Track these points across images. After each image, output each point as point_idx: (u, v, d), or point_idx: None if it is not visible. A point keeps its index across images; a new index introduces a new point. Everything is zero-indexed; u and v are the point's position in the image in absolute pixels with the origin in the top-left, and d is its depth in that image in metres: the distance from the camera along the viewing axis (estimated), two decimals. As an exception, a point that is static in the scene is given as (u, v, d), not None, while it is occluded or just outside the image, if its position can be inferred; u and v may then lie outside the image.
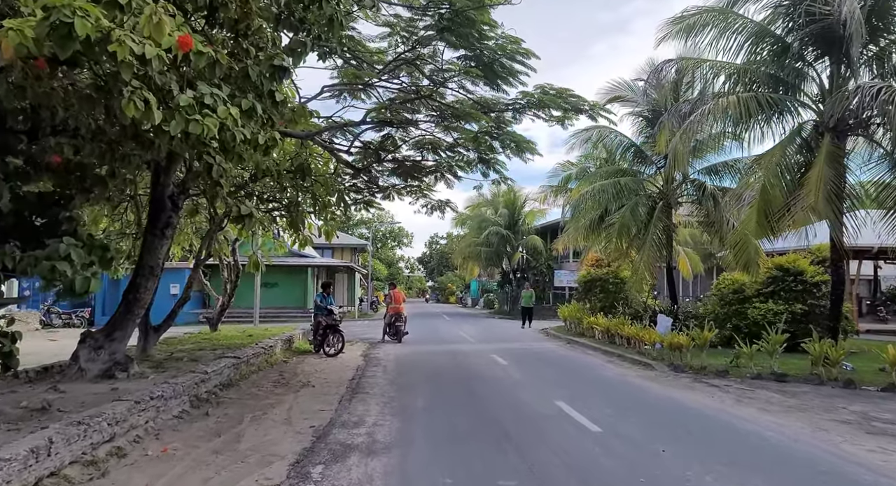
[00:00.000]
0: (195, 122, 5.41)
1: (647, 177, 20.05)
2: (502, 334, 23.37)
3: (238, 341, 14.41)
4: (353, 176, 13.90)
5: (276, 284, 36.77)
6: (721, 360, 13.14)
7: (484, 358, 14.98)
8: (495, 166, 13.33)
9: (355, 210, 15.04)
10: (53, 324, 27.09)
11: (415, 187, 14.63)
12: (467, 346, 18.38)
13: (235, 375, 10.92)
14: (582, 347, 18.01)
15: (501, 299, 48.82)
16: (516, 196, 42.19)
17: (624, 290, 21.11)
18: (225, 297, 16.76)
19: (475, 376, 11.98)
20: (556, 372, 12.68)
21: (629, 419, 7.89)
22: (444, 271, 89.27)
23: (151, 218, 9.89)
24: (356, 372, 12.53)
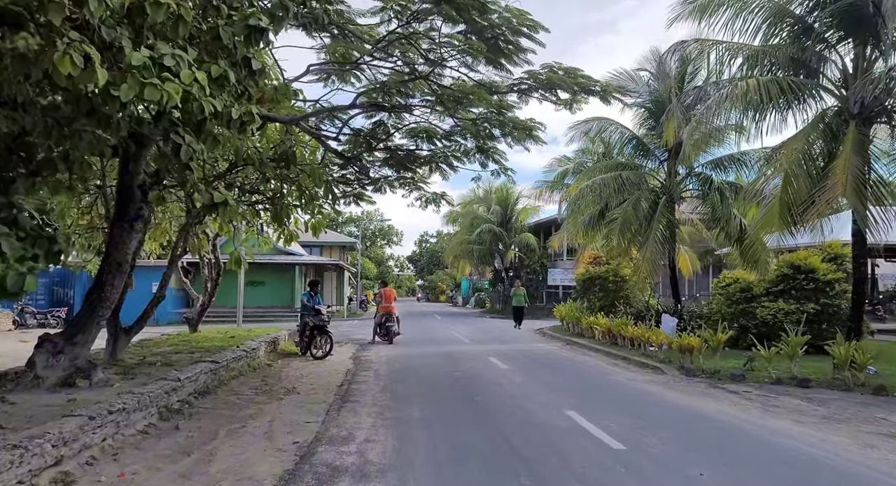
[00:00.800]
0: (152, 87, 4.50)
1: (649, 171, 19.27)
2: (497, 335, 22.51)
3: (218, 344, 13.46)
4: (343, 166, 12.97)
5: (262, 282, 35.76)
6: (733, 363, 12.37)
7: (481, 361, 14.12)
8: (494, 156, 12.44)
9: (344, 204, 14.13)
10: (27, 324, 25.95)
11: (408, 179, 13.72)
12: (462, 347, 17.52)
13: (213, 381, 9.99)
14: (582, 348, 17.19)
15: (493, 298, 48.02)
16: (509, 193, 41.39)
17: (624, 289, 20.34)
18: (206, 296, 15.78)
19: (474, 381, 11.11)
20: (560, 377, 11.84)
21: (651, 432, 7.05)
22: (433, 270, 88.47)
23: (119, 209, 8.94)
24: (345, 377, 11.63)
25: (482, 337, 21.20)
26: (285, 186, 11.85)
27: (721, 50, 11.35)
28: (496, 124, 11.13)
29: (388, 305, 18.84)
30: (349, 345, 18.09)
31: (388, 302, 18.88)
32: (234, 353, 11.70)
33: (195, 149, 6.27)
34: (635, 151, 19.10)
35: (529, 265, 38.87)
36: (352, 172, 13.09)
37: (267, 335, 15.71)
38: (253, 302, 34.93)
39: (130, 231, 9.01)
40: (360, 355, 15.27)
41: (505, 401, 9.03)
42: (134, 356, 11.17)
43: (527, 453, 6.16)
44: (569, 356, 15.50)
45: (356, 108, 10.41)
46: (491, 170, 12.71)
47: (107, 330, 10.70)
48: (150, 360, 10.74)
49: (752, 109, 10.72)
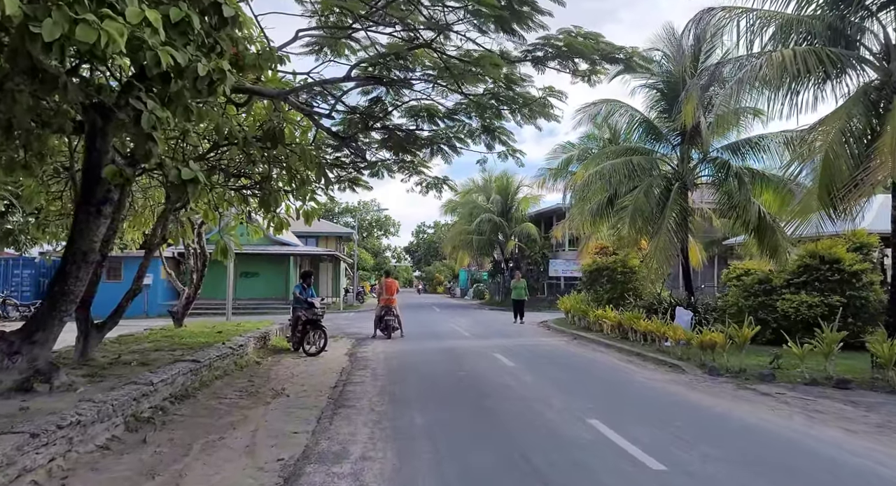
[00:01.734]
0: (87, 25, 3.52)
1: (660, 156, 18.30)
2: (499, 328, 21.61)
3: (203, 340, 12.51)
4: (337, 148, 11.98)
5: (255, 273, 34.82)
6: (756, 360, 11.47)
7: (486, 358, 13.20)
8: (501, 137, 11.47)
9: (339, 190, 13.13)
10: (10, 317, 24.91)
11: (407, 163, 12.74)
12: (464, 342, 16.60)
13: (193, 383, 9.04)
14: (591, 343, 16.28)
15: (493, 290, 47.17)
16: (510, 182, 40.41)
17: (633, 280, 19.42)
18: (191, 288, 14.80)
19: (480, 382, 10.19)
20: (573, 376, 10.92)
21: (689, 446, 6.13)
22: (431, 261, 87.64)
23: (85, 192, 7.92)
24: (340, 377, 10.69)
25: (484, 331, 20.30)
26: (274, 170, 10.91)
27: (752, 18, 10.36)
28: (505, 101, 10.14)
29: (390, 297, 17.77)
30: (345, 340, 17.15)
31: (389, 294, 17.82)
32: (218, 350, 10.76)
33: (159, 117, 5.29)
34: (646, 135, 18.13)
35: (530, 256, 37.95)
36: (347, 155, 12.09)
37: (257, 330, 14.76)
38: (246, 294, 34.03)
39: (98, 216, 8.00)
40: (356, 352, 14.34)
41: (517, 406, 8.09)
42: (108, 355, 10.21)
43: (554, 477, 5.22)
44: (578, 352, 14.59)
45: (350, 81, 9.41)
46: (498, 152, 11.74)
47: (77, 327, 9.75)
48: (125, 359, 9.78)
49: (786, 83, 9.75)
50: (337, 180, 13.13)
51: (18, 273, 30.98)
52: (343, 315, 31.20)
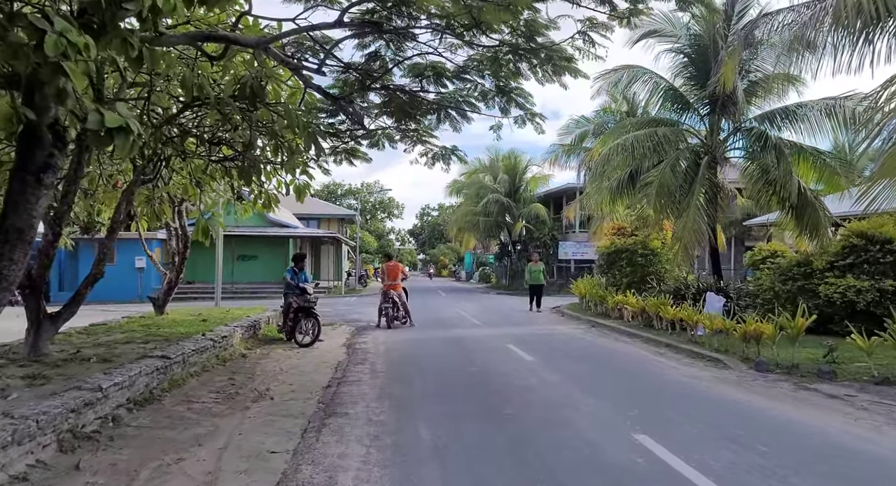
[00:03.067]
0: None
1: (687, 127, 16.79)
2: (510, 315, 20.27)
3: (184, 330, 11.20)
4: (332, 114, 10.54)
5: (254, 256, 33.52)
6: (807, 353, 10.08)
7: (499, 350, 11.84)
8: (518, 99, 10.01)
9: (335, 162, 11.68)
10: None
11: (411, 131, 11.30)
12: (474, 331, 15.25)
13: (161, 383, 7.72)
14: (612, 332, 14.92)
15: (499, 273, 45.85)
16: (517, 161, 38.89)
17: (655, 263, 18.00)
18: (173, 273, 13.44)
19: (496, 381, 8.83)
20: (602, 374, 9.53)
21: (774, 476, 4.76)
22: (435, 244, 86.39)
23: (21, 156, 6.53)
24: (334, 374, 9.35)
25: (493, 318, 18.95)
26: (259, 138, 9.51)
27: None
28: (524, 54, 8.66)
29: (393, 282, 16.11)
30: (344, 328, 15.85)
31: (391, 279, 16.19)
32: (196, 343, 9.43)
33: (72, 41, 3.88)
34: (672, 104, 16.59)
35: (539, 238, 36.51)
36: (342, 121, 10.65)
37: (246, 318, 13.44)
38: (244, 278, 32.75)
39: (37, 187, 6.56)
40: (354, 342, 13.01)
41: (544, 415, 6.72)
42: (67, 349, 8.88)
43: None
44: (600, 343, 13.22)
45: (342, 27, 7.94)
46: (514, 117, 10.26)
47: (27, 318, 8.42)
48: (85, 354, 8.46)
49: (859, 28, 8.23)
50: (332, 152, 11.71)
51: (7, 256, 29.66)
52: (344, 300, 29.90)
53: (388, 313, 15.71)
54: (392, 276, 16.20)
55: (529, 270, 21.72)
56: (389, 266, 16.53)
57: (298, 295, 12.42)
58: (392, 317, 15.77)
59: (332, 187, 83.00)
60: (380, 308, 16.03)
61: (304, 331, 12.23)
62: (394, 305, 15.81)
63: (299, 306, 12.34)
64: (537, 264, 21.90)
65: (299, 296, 12.40)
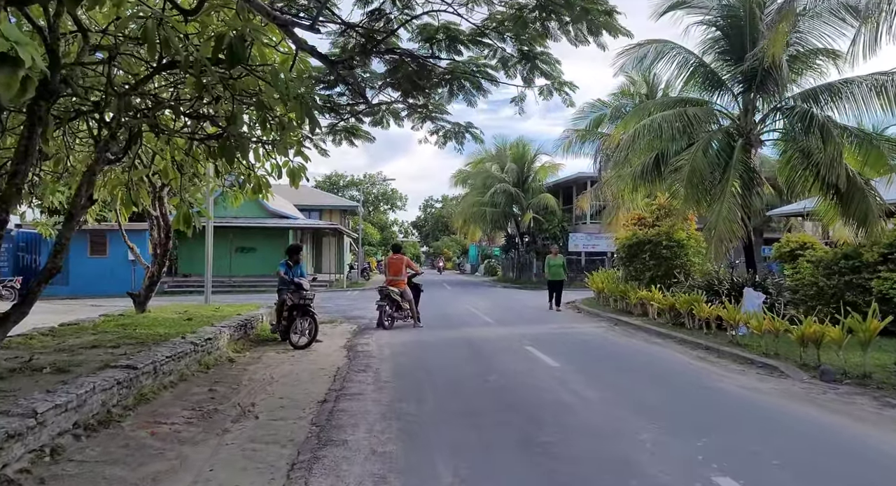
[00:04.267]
0: None
1: (718, 108, 15.43)
2: (523, 311, 18.97)
3: (164, 331, 9.94)
4: (329, 85, 9.22)
5: (252, 249, 32.28)
6: (874, 358, 8.76)
7: (518, 354, 10.56)
8: (543, 66, 8.68)
9: (334, 142, 10.38)
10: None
11: (419, 107, 9.98)
12: (487, 330, 13.94)
13: (125, 399, 6.45)
14: (639, 331, 13.63)
15: (506, 266, 44.56)
16: (526, 150, 37.50)
17: (681, 256, 16.67)
18: (154, 266, 12.16)
19: (522, 395, 7.54)
20: (645, 386, 8.16)
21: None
22: (439, 236, 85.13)
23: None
24: (332, 383, 8.08)
25: (506, 314, 17.66)
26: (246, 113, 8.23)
27: None
28: (554, 8, 7.31)
29: (395, 278, 14.20)
30: (345, 326, 14.58)
31: (393, 274, 14.39)
32: (173, 348, 8.15)
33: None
34: (702, 82, 15.20)
35: (548, 229, 35.17)
36: (342, 93, 9.33)
37: (237, 316, 12.18)
38: (242, 270, 31.50)
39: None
40: (356, 344, 11.73)
41: (592, 448, 5.39)
42: (22, 355, 7.62)
43: None
44: (629, 344, 11.92)
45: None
46: (539, 87, 8.93)
47: (-33, 320, 7.14)
48: (39, 362, 7.20)
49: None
50: (330, 130, 10.40)
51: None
52: (346, 294, 28.66)
53: (385, 311, 13.88)
54: (393, 271, 14.42)
55: (548, 263, 19.24)
56: (391, 260, 14.79)
57: (293, 291, 11.16)
58: (389, 316, 13.95)
59: (334, 178, 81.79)
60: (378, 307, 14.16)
61: (299, 331, 10.97)
62: (391, 303, 13.95)
63: (294, 303, 11.07)
64: (557, 257, 19.48)
65: (294, 292, 11.13)
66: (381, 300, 13.90)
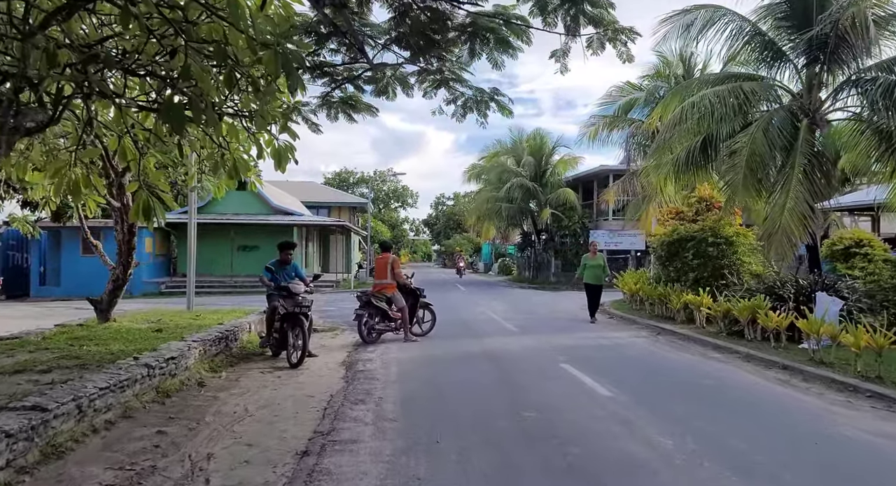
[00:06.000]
0: None
1: (776, 83, 13.40)
2: (547, 316, 17.02)
3: (119, 348, 8.11)
4: (319, 39, 7.31)
5: (255, 247, 30.48)
6: None
7: (556, 376, 8.61)
8: (590, 10, 6.74)
9: (329, 116, 8.48)
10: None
11: (433, 71, 8.07)
12: (510, 341, 11.99)
13: (21, 456, 4.61)
14: (690, 343, 11.66)
15: (521, 265, 42.55)
16: (544, 143, 35.47)
17: (730, 254, 14.64)
18: (118, 267, 10.31)
19: (576, 445, 5.58)
20: (733, 427, 6.12)
21: None
22: (450, 234, 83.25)
23: None
24: (320, 422, 6.19)
25: (530, 321, 15.70)
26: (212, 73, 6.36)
27: None
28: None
29: (380, 282, 11.71)
30: (347, 335, 12.72)
31: (378, 277, 11.89)
32: (116, 375, 6.30)
33: None
34: (759, 54, 13.16)
35: (568, 226, 33.14)
36: (337, 49, 7.44)
37: (218, 326, 10.33)
38: (245, 270, 29.68)
39: None
40: (357, 359, 9.82)
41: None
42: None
43: None
44: (687, 362, 9.92)
45: None
46: (587, 38, 6.98)
47: None
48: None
49: None
50: (324, 101, 8.50)
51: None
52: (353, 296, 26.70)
53: (364, 321, 11.26)
54: (377, 273, 11.97)
55: (586, 264, 15.60)
56: (378, 261, 12.23)
57: (285, 297, 9.28)
58: (371, 328, 11.33)
59: (343, 175, 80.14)
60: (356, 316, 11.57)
61: (294, 347, 9.08)
62: (374, 312, 11.37)
63: (287, 311, 9.19)
64: (596, 256, 15.74)
65: (286, 298, 9.25)
66: (360, 308, 11.35)
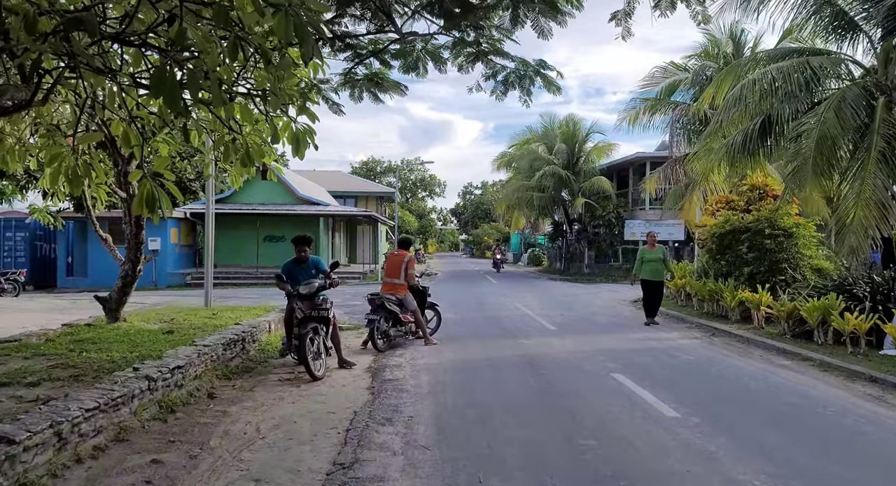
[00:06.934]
0: None
1: (847, 57, 12.10)
2: (585, 312, 15.94)
3: (121, 354, 7.33)
4: (340, 3, 6.36)
5: (281, 237, 29.84)
6: None
7: (611, 390, 7.58)
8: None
9: (352, 96, 7.55)
10: (-26, 292, 20.49)
11: (470, 43, 7.05)
12: (551, 343, 10.96)
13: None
14: (751, 346, 10.54)
15: (552, 255, 41.40)
16: (577, 128, 34.14)
17: (790, 248, 13.42)
18: (126, 262, 9.54)
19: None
20: (847, 468, 5.15)
21: None
22: (478, 223, 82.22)
23: None
24: (340, 449, 5.28)
25: (567, 317, 14.67)
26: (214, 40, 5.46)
27: None
28: None
29: (392, 282, 10.36)
30: (373, 335, 11.82)
31: (389, 276, 10.46)
32: (109, 392, 5.48)
33: None
34: (828, 25, 11.85)
35: (602, 216, 31.87)
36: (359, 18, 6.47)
37: (235, 327, 9.52)
38: (270, 261, 29.04)
39: None
40: (384, 365, 8.91)
41: None
42: None
43: None
44: (754, 370, 8.80)
45: None
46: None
47: None
48: None
49: None
50: (347, 78, 7.56)
51: (11, 236, 26.76)
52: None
53: (378, 327, 9.90)
54: (389, 271, 10.51)
55: (643, 257, 13.23)
56: (391, 257, 10.80)
57: (303, 298, 8.34)
58: (384, 334, 10.04)
59: (371, 164, 79.54)
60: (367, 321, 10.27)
61: (316, 353, 8.08)
62: (388, 316, 10.10)
63: (307, 315, 8.27)
64: (655, 248, 13.28)
65: (305, 301, 8.30)
66: (373, 313, 10.02)
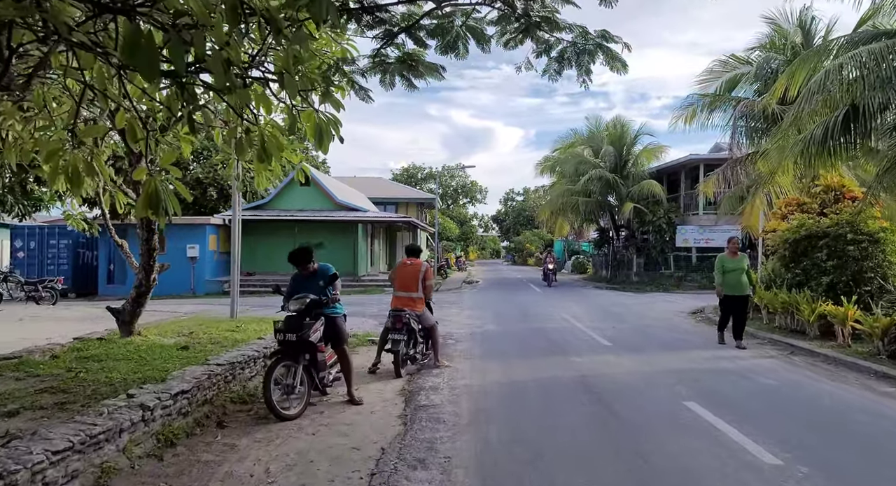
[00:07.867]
0: None
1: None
2: (641, 325, 14.63)
3: (123, 375, 6.51)
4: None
5: (319, 244, 29.20)
6: None
7: (687, 424, 6.39)
8: None
9: (382, 81, 6.62)
10: (13, 297, 20.34)
11: (518, 16, 6.03)
12: (608, 361, 9.78)
13: None
14: (840, 368, 9.17)
15: (598, 263, 39.87)
16: (625, 130, 32.66)
17: (875, 255, 11.94)
18: (140, 271, 8.78)
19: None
20: None
21: None
22: (520, 230, 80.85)
23: None
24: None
25: (621, 331, 13.41)
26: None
27: None
28: None
29: (404, 295, 8.84)
30: (409, 349, 10.82)
31: (401, 289, 8.91)
32: (90, 428, 4.61)
33: None
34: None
35: (652, 222, 30.31)
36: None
37: (258, 341, 8.67)
38: (308, 268, 28.53)
39: None
40: (419, 387, 7.87)
41: None
42: None
43: None
44: (854, 397, 7.49)
45: None
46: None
47: None
48: None
49: None
50: (376, 61, 6.61)
51: (55, 244, 26.81)
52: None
53: (398, 348, 8.48)
54: (400, 283, 8.95)
55: (723, 266, 11.11)
56: (401, 267, 9.10)
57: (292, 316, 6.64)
58: (406, 357, 8.73)
59: (412, 171, 79.12)
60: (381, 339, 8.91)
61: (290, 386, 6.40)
62: (409, 334, 8.68)
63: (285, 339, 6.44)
64: (737, 256, 11.18)
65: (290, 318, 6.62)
66: (398, 332, 8.54)
